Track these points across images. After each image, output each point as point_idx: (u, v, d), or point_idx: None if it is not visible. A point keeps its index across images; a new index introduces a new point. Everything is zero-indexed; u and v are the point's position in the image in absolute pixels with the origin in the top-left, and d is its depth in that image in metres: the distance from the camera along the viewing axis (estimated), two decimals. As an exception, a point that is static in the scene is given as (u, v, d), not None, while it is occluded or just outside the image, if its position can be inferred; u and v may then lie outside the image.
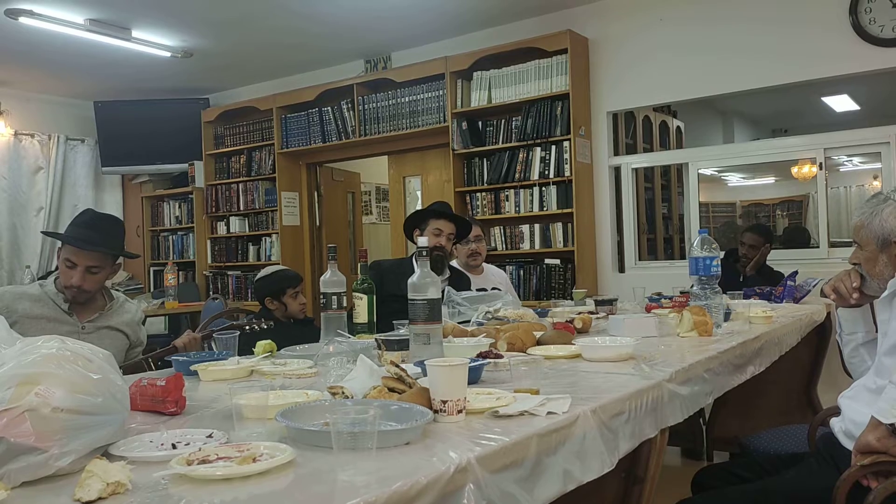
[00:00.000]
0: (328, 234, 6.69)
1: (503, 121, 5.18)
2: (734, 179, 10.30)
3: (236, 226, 6.70)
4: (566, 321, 2.54)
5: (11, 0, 4.56)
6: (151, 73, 6.20)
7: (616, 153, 5.14)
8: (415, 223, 3.35)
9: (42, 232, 2.50)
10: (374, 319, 2.43)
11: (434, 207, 3.48)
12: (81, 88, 6.64)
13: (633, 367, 1.84)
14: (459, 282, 3.39)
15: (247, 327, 2.43)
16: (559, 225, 4.97)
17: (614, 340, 2.12)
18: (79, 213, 2.68)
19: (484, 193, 5.25)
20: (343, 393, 1.43)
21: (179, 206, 7.21)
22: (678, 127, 6.45)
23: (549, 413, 1.34)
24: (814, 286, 3.39)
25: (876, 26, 4.05)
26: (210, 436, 1.23)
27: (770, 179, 9.92)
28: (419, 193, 6.65)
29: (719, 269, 2.51)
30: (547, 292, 4.96)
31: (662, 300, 3.20)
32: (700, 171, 5.12)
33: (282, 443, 1.13)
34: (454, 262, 3.82)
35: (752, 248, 4.37)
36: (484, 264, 4.09)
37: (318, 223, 6.66)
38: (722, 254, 2.69)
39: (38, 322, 2.48)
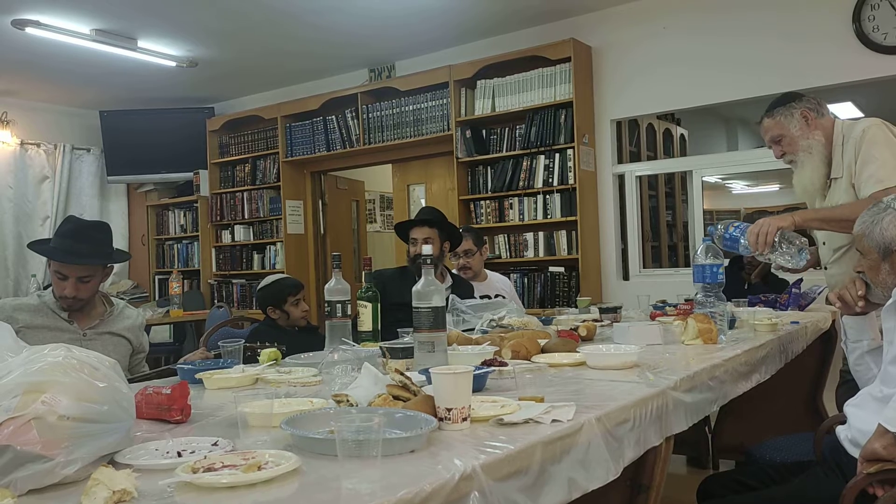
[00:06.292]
0: (332, 242, 6.70)
1: (507, 129, 5.19)
2: (738, 187, 10.30)
3: (241, 234, 6.71)
4: (570, 329, 2.54)
5: (18, 11, 4.60)
6: (157, 83, 6.23)
7: (620, 161, 5.14)
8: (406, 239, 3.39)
9: (28, 245, 2.48)
10: (379, 327, 2.43)
11: (405, 220, 3.55)
12: (87, 98, 6.68)
13: (637, 374, 1.83)
14: (462, 289, 3.39)
15: (259, 350, 2.42)
16: (563, 233, 4.97)
17: (619, 348, 2.12)
18: (62, 222, 2.64)
19: (488, 201, 5.26)
20: (348, 401, 1.43)
21: (184, 215, 7.24)
22: (682, 135, 6.45)
23: (553, 421, 1.34)
24: (819, 294, 3.38)
25: (879, 34, 4.05)
26: (215, 444, 1.23)
27: (774, 187, 9.91)
28: (423, 202, 6.66)
29: (724, 276, 2.50)
30: (551, 300, 4.95)
31: (667, 308, 3.19)
32: (704, 179, 5.12)
33: (287, 451, 1.13)
34: (455, 270, 3.82)
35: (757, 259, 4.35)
36: (487, 271, 4.09)
37: (322, 231, 6.67)
38: (726, 261, 2.68)
39: (39, 332, 2.47)
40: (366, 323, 2.40)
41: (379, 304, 2.44)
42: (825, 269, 2.72)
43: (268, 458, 1.09)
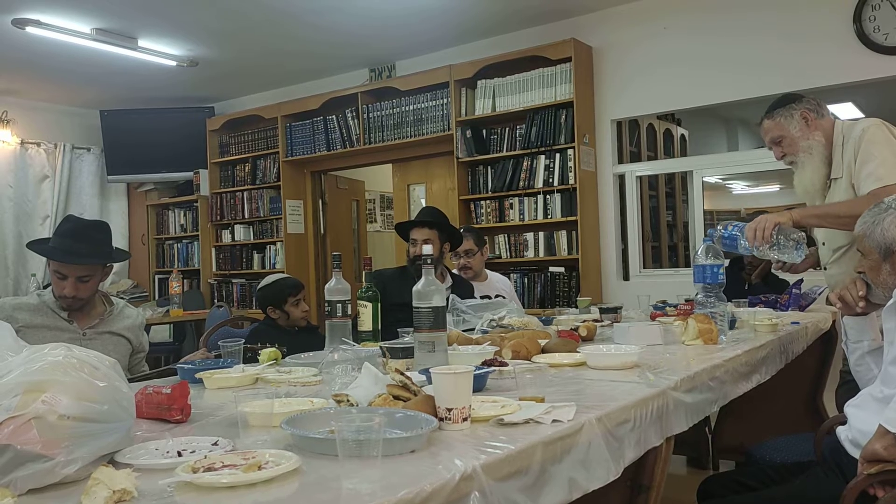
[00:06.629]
0: (332, 242, 6.70)
1: (507, 129, 5.19)
2: (738, 187, 10.31)
3: (241, 234, 6.71)
4: (571, 329, 2.53)
5: (19, 10, 4.60)
6: (157, 82, 6.23)
7: (620, 161, 5.14)
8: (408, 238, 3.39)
9: (27, 245, 2.47)
10: (379, 327, 2.43)
11: (405, 220, 3.53)
12: (87, 97, 6.68)
13: (637, 375, 1.83)
14: (462, 289, 3.39)
15: (259, 350, 2.42)
16: (563, 233, 4.97)
17: (619, 348, 2.11)
18: (62, 221, 2.65)
19: (488, 201, 5.25)
20: (348, 401, 1.43)
21: (184, 215, 7.24)
22: (682, 135, 6.45)
23: (554, 421, 1.34)
24: (819, 294, 3.37)
25: (880, 34, 4.05)
26: (215, 443, 1.23)
27: (774, 187, 9.91)
28: (423, 201, 6.66)
29: (724, 276, 2.50)
30: (551, 300, 4.95)
31: (667, 308, 3.19)
32: (704, 179, 5.11)
33: (287, 450, 1.13)
34: (455, 270, 3.82)
35: (757, 257, 4.35)
36: (487, 271, 4.08)
37: (322, 231, 6.67)
38: (727, 262, 2.68)
39: (39, 331, 2.47)
40: (366, 323, 2.40)
41: (379, 304, 2.44)
42: (825, 269, 2.72)
43: (268, 458, 1.09)
